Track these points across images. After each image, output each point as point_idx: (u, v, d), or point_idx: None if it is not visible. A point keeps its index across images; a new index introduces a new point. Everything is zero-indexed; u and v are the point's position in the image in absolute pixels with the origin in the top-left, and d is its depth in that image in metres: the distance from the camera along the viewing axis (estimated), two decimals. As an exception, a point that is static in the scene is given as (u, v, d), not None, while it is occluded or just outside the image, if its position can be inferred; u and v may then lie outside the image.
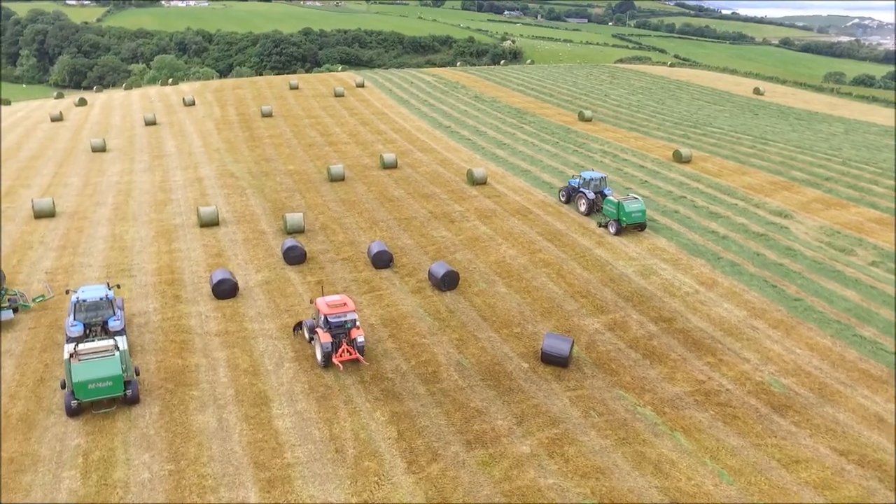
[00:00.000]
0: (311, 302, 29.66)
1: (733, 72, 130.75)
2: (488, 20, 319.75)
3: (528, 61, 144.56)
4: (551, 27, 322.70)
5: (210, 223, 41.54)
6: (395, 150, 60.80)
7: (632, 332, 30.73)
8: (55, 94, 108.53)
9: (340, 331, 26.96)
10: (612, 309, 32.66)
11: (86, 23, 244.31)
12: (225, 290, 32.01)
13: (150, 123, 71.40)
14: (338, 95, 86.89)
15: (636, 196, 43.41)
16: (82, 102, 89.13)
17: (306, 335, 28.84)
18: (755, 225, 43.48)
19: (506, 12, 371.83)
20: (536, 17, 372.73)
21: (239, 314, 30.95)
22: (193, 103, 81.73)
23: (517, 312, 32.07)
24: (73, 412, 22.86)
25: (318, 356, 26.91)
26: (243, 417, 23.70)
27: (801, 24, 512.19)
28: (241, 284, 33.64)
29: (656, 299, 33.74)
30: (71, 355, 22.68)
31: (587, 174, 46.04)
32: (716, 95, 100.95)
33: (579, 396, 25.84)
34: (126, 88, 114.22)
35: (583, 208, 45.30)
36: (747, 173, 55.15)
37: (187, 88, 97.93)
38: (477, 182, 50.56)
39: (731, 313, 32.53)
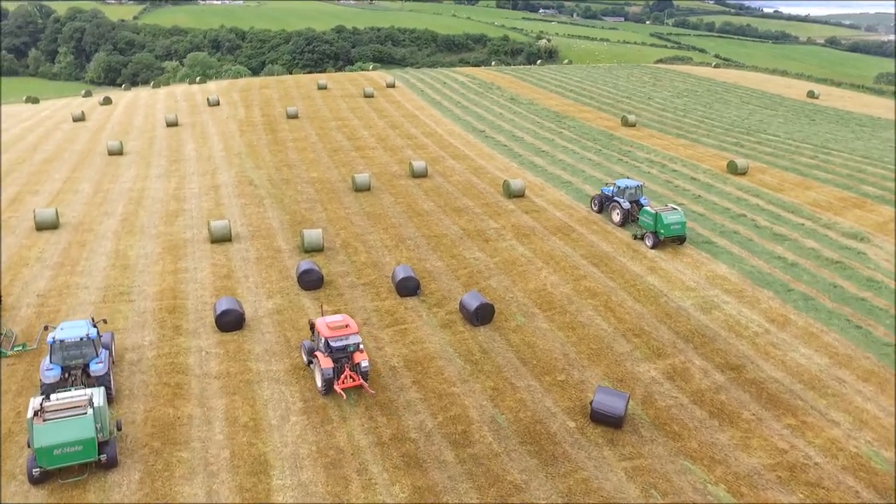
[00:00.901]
0: (310, 323, 26.33)
1: (783, 73, 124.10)
2: (523, 18, 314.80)
3: (566, 61, 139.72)
4: (587, 26, 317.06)
5: (222, 238, 38.07)
6: (426, 156, 56.90)
7: (695, 382, 26.34)
8: (83, 92, 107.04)
9: (342, 355, 24.23)
10: (671, 352, 28.29)
11: (122, 20, 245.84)
12: (230, 321, 28.39)
13: (172, 125, 68.60)
14: (367, 96, 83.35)
15: (675, 206, 39.58)
16: (107, 101, 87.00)
17: (304, 358, 26.12)
18: (827, 249, 38.58)
19: (541, 11, 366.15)
20: (572, 16, 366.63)
21: (244, 351, 27.30)
22: (218, 103, 78.85)
23: (561, 354, 27.90)
24: (36, 480, 19.39)
25: (319, 383, 24.34)
26: (237, 489, 19.98)
27: (847, 22, 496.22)
28: (249, 313, 30.01)
29: (720, 340, 29.26)
30: (36, 413, 19.18)
31: (622, 182, 42.36)
32: (766, 99, 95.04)
33: (637, 468, 21.61)
34: (154, 87, 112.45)
35: (616, 218, 41.73)
36: (811, 188, 50.02)
37: (214, 87, 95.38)
38: (514, 194, 46.36)
39: (811, 360, 27.91)
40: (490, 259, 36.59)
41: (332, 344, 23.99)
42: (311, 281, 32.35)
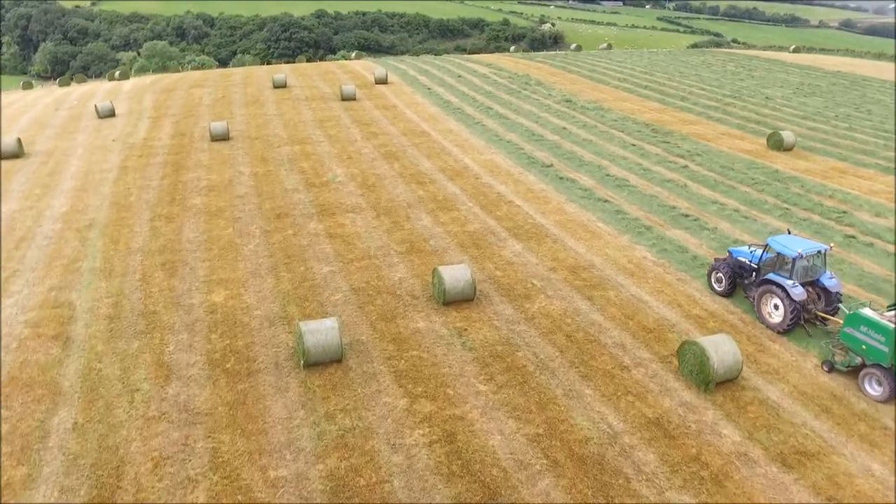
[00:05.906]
0: None
1: (894, 58, 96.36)
2: (519, 2, 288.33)
3: (603, 45, 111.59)
4: (587, 10, 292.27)
5: None
6: (459, 231, 28.48)
7: None
8: (-42, 93, 77.68)
9: None
10: None
11: (77, 6, 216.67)
12: None
13: (11, 157, 39.85)
14: (346, 98, 54.53)
15: None
16: (-42, 110, 58.02)
17: None
18: None
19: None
20: (568, 1, 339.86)
21: None
22: (113, 114, 50.07)
23: None
24: None
25: None
26: None
27: (853, 5, 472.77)
28: None
29: None
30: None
31: (782, 244, 17.05)
32: (918, 95, 66.95)
33: None
34: (61, 84, 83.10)
35: (775, 318, 16.83)
36: None
37: (129, 86, 66.34)
38: (720, 379, 17.95)
39: None
40: None
41: None
42: None
